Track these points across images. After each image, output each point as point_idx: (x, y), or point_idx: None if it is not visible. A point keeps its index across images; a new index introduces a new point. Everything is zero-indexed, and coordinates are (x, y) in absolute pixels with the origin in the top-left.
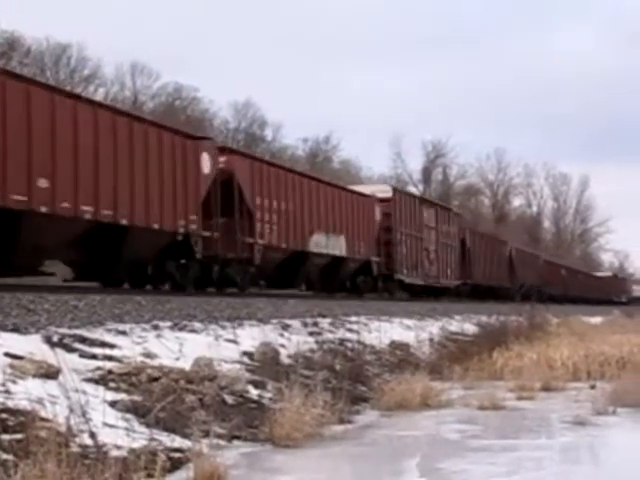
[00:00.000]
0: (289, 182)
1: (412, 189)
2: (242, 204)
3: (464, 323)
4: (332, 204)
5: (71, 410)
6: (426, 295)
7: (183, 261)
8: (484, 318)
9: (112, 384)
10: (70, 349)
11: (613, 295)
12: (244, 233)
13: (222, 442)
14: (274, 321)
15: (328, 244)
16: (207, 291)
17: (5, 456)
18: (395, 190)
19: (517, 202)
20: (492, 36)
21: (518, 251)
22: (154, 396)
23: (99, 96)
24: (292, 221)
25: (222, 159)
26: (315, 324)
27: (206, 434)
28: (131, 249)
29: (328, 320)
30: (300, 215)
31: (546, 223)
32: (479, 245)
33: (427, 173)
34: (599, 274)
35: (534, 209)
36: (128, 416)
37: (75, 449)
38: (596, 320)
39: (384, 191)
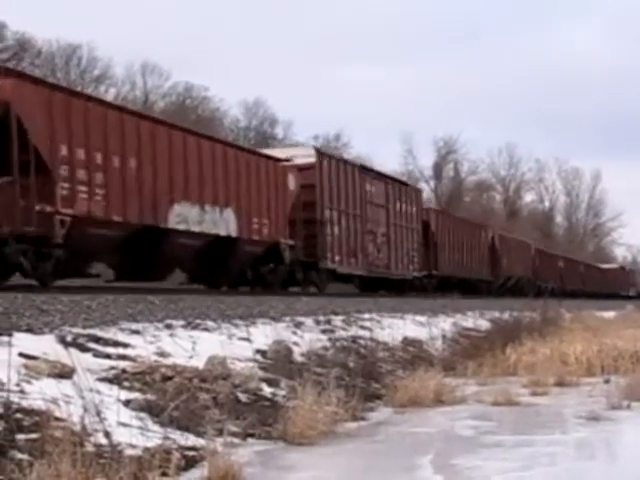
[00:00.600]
0: (130, 129)
1: (423, 185)
2: (28, 153)
3: (477, 319)
4: (212, 166)
5: (85, 409)
6: (374, 289)
7: None
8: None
9: (126, 383)
10: (84, 349)
11: (620, 289)
12: (32, 197)
13: (236, 440)
14: (287, 319)
15: (204, 219)
16: (220, 290)
17: (20, 455)
18: (320, 154)
19: (529, 197)
20: (501, 33)
21: (502, 238)
22: (168, 395)
23: (110, 96)
24: (135, 184)
25: None
26: (328, 322)
27: (220, 432)
28: None
29: (341, 318)
30: (152, 177)
31: (558, 218)
32: (449, 229)
33: (438, 169)
34: (604, 266)
35: (546, 204)
36: (142, 415)
37: (90, 448)
38: (609, 315)
39: (305, 155)
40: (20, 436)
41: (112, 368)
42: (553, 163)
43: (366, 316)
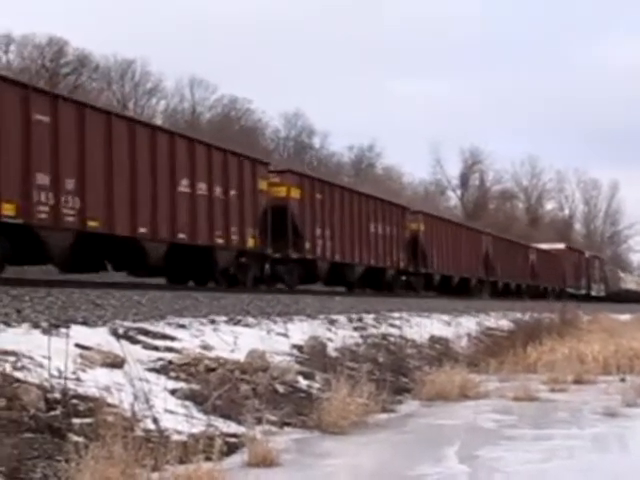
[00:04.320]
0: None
1: (450, 194)
2: None
3: (500, 319)
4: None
5: (135, 397)
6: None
7: None
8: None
9: (172, 373)
10: (134, 341)
11: (567, 282)
12: None
13: (274, 428)
14: (321, 317)
15: None
16: (260, 288)
17: (76, 438)
18: None
19: (550, 206)
20: (526, 48)
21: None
22: (211, 385)
23: (160, 107)
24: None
25: None
26: (360, 319)
27: (259, 421)
28: None
29: (372, 316)
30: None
31: (577, 226)
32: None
33: (465, 179)
34: (543, 246)
35: (566, 212)
36: (187, 403)
37: (139, 433)
38: (625, 317)
39: None
40: (76, 420)
41: (160, 359)
42: (573, 174)
43: (396, 315)
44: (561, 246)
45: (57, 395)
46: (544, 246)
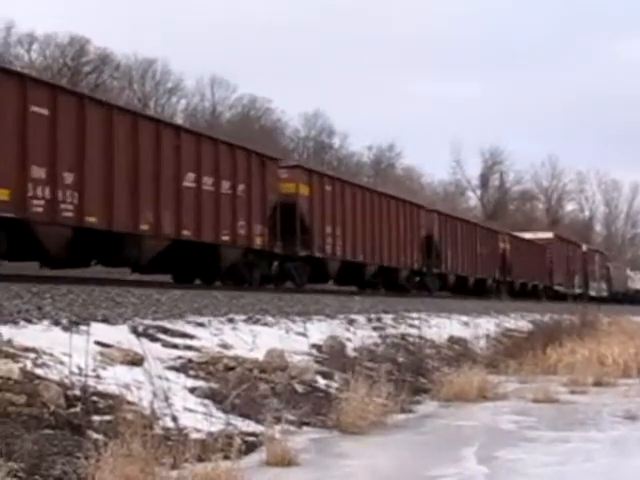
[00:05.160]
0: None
1: (470, 194)
2: None
3: (519, 320)
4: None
5: (155, 395)
6: None
7: None
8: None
9: (192, 372)
10: (154, 339)
11: (555, 281)
12: None
13: (292, 428)
14: (340, 316)
15: None
16: (280, 287)
17: (96, 435)
18: None
19: (570, 207)
20: (544, 48)
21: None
22: (230, 384)
23: (181, 107)
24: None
25: None
26: (379, 319)
27: (278, 420)
28: None
29: (391, 316)
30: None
31: (598, 227)
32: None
33: (485, 179)
34: (527, 235)
35: (586, 214)
36: (206, 402)
37: (158, 431)
38: None
39: None
40: (96, 417)
41: (179, 357)
42: (594, 175)
43: (414, 315)
44: (548, 235)
45: (77, 392)
46: (528, 235)
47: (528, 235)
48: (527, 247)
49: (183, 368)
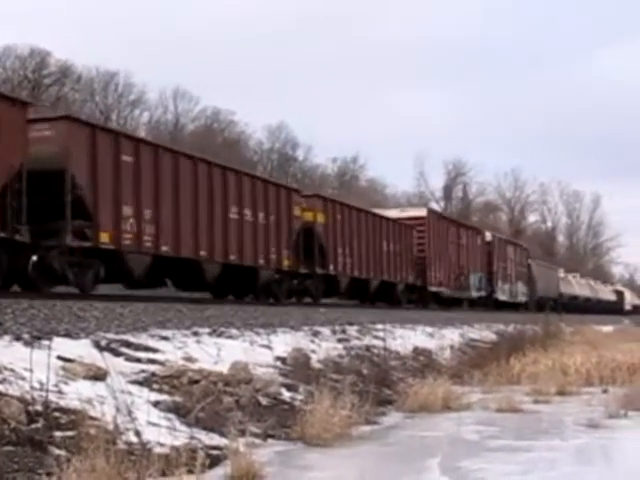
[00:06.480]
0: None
1: (434, 206)
2: None
3: (483, 331)
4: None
5: (118, 410)
6: None
7: None
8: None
9: (155, 386)
10: (117, 353)
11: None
12: None
13: (257, 441)
14: (305, 328)
15: None
16: (244, 300)
17: (58, 451)
18: None
19: (533, 218)
20: (509, 62)
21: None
22: (194, 397)
23: (143, 119)
24: None
25: None
26: (343, 331)
27: (242, 433)
28: None
29: (355, 328)
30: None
31: (560, 238)
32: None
33: (448, 191)
34: (391, 212)
35: (549, 224)
36: (170, 416)
37: (122, 446)
38: (608, 329)
39: None
40: (58, 433)
41: (142, 371)
42: (556, 186)
43: (379, 326)
44: (420, 212)
45: (39, 408)
46: (393, 212)
47: (393, 212)
48: (371, 225)
49: (147, 382)
